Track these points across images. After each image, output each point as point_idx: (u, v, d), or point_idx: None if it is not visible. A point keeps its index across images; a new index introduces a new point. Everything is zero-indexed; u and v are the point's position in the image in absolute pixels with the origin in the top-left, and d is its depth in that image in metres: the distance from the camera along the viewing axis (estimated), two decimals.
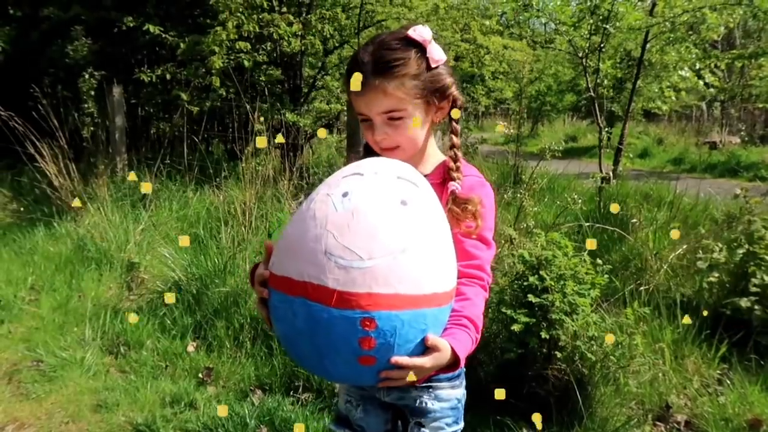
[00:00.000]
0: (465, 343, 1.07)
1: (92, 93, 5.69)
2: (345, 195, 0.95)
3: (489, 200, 1.21)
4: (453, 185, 1.18)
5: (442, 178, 1.22)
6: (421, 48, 1.16)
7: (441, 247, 0.99)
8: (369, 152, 1.24)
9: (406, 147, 1.19)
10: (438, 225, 1.00)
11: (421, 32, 1.15)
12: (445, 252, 1.00)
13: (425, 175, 1.17)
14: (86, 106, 5.65)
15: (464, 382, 1.30)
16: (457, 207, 1.15)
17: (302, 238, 0.95)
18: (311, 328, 0.93)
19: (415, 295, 0.93)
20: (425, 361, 0.98)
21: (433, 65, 1.16)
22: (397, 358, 0.95)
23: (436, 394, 1.24)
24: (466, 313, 1.09)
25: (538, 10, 6.44)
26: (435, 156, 1.28)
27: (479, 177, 1.24)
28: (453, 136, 1.23)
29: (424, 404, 1.23)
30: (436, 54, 1.16)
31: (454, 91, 1.20)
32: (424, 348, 0.98)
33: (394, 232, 0.93)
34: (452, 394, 1.26)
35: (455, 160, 1.20)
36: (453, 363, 1.05)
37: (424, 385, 1.22)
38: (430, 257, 0.96)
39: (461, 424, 1.29)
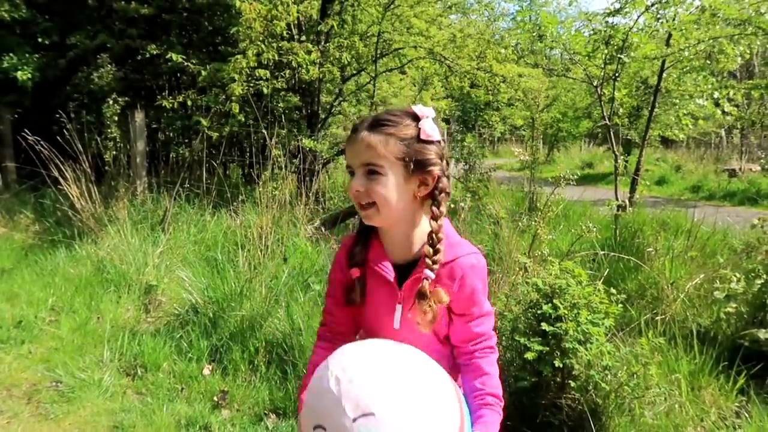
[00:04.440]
0: (495, 424, 1.20)
1: (116, 118, 5.83)
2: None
3: (482, 278, 1.26)
4: (427, 273, 1.19)
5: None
6: (417, 119, 1.21)
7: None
8: (364, 229, 1.30)
9: (381, 206, 1.19)
10: None
11: (422, 108, 1.22)
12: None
13: (411, 260, 1.24)
14: (109, 131, 5.78)
15: None
16: (422, 300, 1.19)
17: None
18: None
19: None
20: None
21: (423, 137, 1.19)
22: None
23: None
24: (489, 390, 1.23)
25: (552, 41, 6.49)
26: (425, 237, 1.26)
27: (471, 254, 1.25)
28: (431, 221, 1.22)
29: None
30: (429, 128, 1.20)
31: (437, 170, 1.21)
32: None
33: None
34: None
35: (433, 245, 1.20)
36: None
37: None
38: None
39: None
